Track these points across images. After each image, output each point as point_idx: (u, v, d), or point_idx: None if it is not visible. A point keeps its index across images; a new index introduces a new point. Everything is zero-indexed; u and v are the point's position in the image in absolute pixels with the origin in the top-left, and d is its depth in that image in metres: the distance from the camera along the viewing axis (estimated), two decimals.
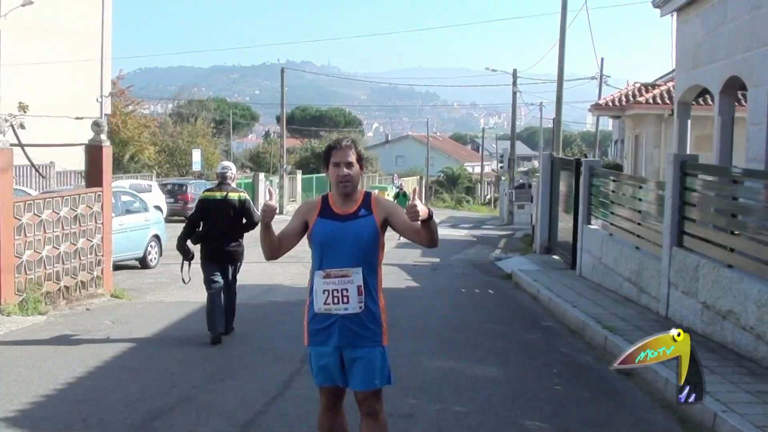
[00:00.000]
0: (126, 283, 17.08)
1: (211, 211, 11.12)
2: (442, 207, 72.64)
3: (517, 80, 55.11)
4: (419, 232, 5.34)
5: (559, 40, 30.82)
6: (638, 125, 29.96)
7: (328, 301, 5.37)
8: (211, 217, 11.10)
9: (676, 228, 12.04)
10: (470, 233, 38.29)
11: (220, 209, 11.10)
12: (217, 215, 11.07)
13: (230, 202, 11.17)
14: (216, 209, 11.11)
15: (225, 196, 11.19)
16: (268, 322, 12.97)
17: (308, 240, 5.55)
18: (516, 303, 15.53)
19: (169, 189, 38.31)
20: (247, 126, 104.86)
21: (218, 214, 11.08)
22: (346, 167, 5.44)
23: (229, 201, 11.16)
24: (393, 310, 12.29)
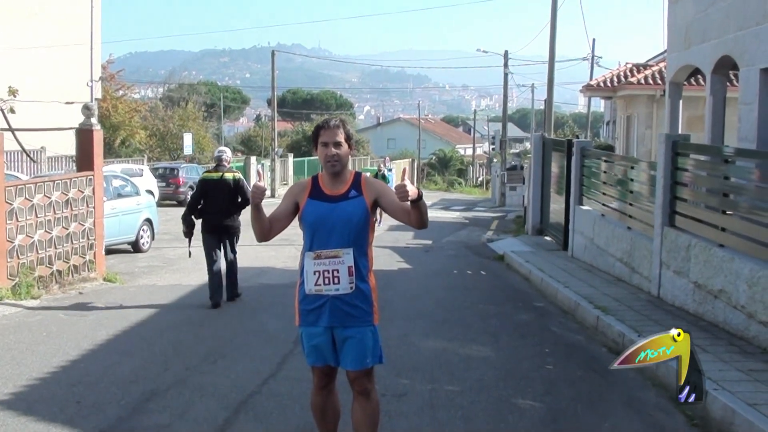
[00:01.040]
0: (118, 267, 17.08)
1: (209, 190, 12.48)
2: (434, 189, 72.67)
3: (509, 62, 55.00)
4: (409, 213, 5.34)
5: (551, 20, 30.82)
6: (630, 106, 30.00)
7: (318, 282, 5.38)
8: (209, 195, 12.47)
9: (668, 208, 12.06)
10: (462, 215, 38.33)
11: (217, 188, 12.45)
12: (214, 193, 12.43)
13: (226, 181, 12.47)
14: (213, 188, 12.47)
15: (221, 176, 12.53)
16: (261, 304, 12.99)
17: (299, 221, 5.55)
18: (508, 284, 15.56)
19: (161, 173, 38.30)
20: (238, 109, 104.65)
21: (215, 193, 12.43)
22: (335, 147, 5.44)
23: (225, 181, 12.48)
24: (385, 291, 12.35)
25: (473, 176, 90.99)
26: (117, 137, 48.11)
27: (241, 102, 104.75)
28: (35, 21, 32.31)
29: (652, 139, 26.02)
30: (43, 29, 32.46)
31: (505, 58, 54.76)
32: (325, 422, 5.76)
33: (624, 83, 28.76)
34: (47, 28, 32.72)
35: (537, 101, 78.23)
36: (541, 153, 23.44)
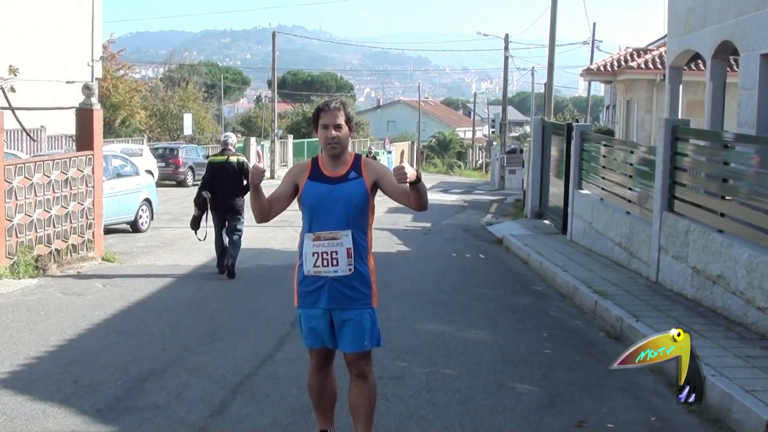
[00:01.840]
0: (117, 246, 17.05)
1: (217, 172, 13.40)
2: (433, 172, 72.66)
3: (509, 45, 54.93)
4: (408, 195, 5.31)
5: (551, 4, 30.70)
6: (630, 90, 29.93)
7: (317, 264, 5.35)
8: (216, 177, 13.38)
9: (667, 193, 12.02)
10: (461, 198, 38.29)
11: (223, 171, 13.36)
12: (221, 175, 13.34)
13: (231, 164, 13.37)
14: (220, 170, 13.38)
15: (227, 159, 13.44)
16: (259, 286, 12.96)
17: (298, 203, 5.52)
18: (507, 267, 15.53)
19: (161, 153, 38.24)
20: (238, 90, 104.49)
21: (222, 174, 13.33)
22: (335, 129, 5.39)
23: (230, 163, 13.38)
24: (384, 274, 12.32)
25: (473, 159, 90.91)
26: (117, 117, 48.02)
27: (242, 83, 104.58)
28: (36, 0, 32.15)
29: (652, 123, 25.98)
30: (44, 8, 32.31)
31: (506, 41, 54.70)
32: (322, 404, 5.73)
33: (624, 68, 28.70)
34: (49, 7, 32.57)
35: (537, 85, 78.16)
36: (541, 137, 23.38)
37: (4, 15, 30.76)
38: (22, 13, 31.27)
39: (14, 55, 22.77)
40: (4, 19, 30.58)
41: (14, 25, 30.47)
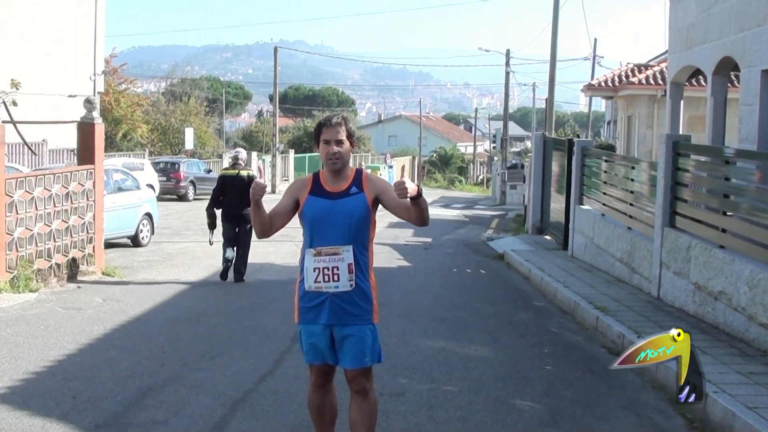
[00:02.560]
0: (117, 261, 17.01)
1: (227, 184, 14.49)
2: (434, 187, 72.65)
3: (510, 60, 55.02)
4: (409, 210, 5.29)
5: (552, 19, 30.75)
6: (631, 106, 29.93)
7: (318, 279, 5.33)
8: (227, 189, 14.45)
9: (669, 208, 12.00)
10: (462, 213, 38.26)
11: (233, 183, 14.36)
12: (231, 188, 14.35)
13: (240, 177, 14.38)
14: (230, 183, 14.43)
15: (237, 173, 14.55)
16: (259, 300, 12.93)
17: (299, 218, 5.50)
18: (507, 283, 15.50)
19: (162, 167, 38.23)
20: (240, 105, 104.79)
21: (232, 187, 14.33)
22: (336, 145, 5.38)
23: (240, 177, 14.40)
24: (385, 289, 12.29)
25: (474, 174, 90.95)
26: (119, 131, 48.05)
27: (243, 98, 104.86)
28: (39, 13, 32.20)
29: (653, 139, 25.96)
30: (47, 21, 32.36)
31: (507, 56, 54.77)
32: (323, 421, 5.69)
33: (625, 83, 28.69)
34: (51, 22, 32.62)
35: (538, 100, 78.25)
36: (542, 152, 23.37)
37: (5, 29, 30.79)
38: (24, 28, 31.31)
39: (16, 68, 22.77)
40: (6, 33, 30.62)
41: (16, 40, 30.49)
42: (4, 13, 30.75)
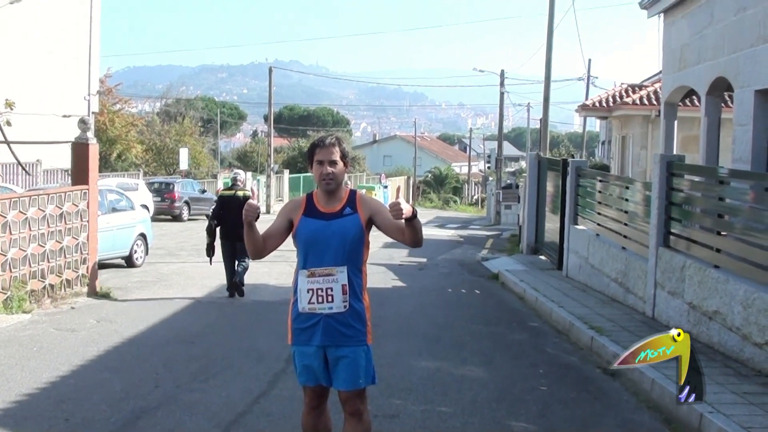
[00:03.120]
0: (111, 281, 16.97)
1: (226, 204, 15.14)
2: (429, 207, 72.63)
3: (505, 81, 55.17)
4: (404, 231, 5.29)
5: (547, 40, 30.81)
6: (625, 126, 30.00)
7: (312, 300, 5.32)
8: (225, 208, 15.06)
9: (663, 228, 12.01)
10: (457, 233, 38.26)
11: (232, 203, 14.93)
12: (229, 207, 14.87)
13: (238, 198, 15.04)
14: (228, 203, 15.05)
15: (234, 193, 15.29)
16: (253, 321, 12.90)
17: (293, 239, 5.51)
18: (502, 303, 15.49)
19: (156, 188, 38.21)
20: (234, 125, 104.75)
21: (230, 207, 14.85)
22: (330, 165, 5.39)
23: (238, 197, 15.08)
24: (379, 309, 12.26)
25: (468, 194, 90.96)
26: (113, 151, 48.06)
27: (238, 118, 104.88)
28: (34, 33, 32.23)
29: (647, 159, 26.01)
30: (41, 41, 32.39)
31: (502, 77, 54.94)
32: None
33: (619, 103, 28.77)
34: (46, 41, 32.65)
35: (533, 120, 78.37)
36: (537, 172, 23.39)
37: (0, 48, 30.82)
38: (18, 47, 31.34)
39: (10, 88, 22.80)
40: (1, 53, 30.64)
41: (10, 60, 30.51)
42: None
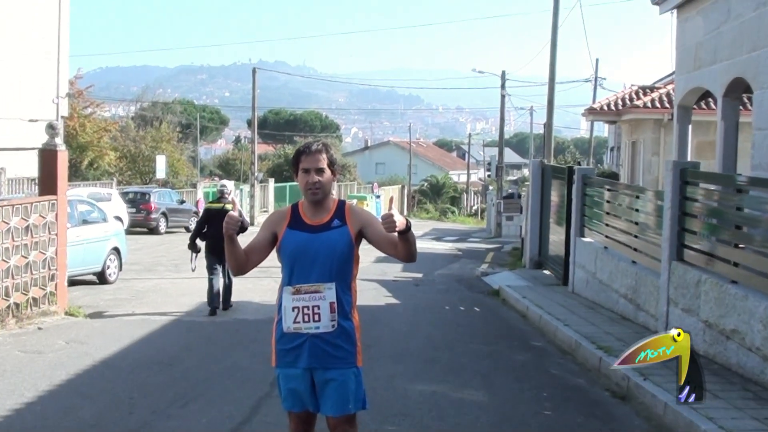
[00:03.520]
0: (82, 299, 16.93)
1: (212, 217, 15.50)
2: (425, 218, 72.67)
3: (506, 83, 55.24)
4: (396, 245, 5.28)
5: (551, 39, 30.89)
6: (635, 131, 30.05)
7: (297, 319, 5.31)
8: (211, 222, 15.41)
9: (676, 241, 12.00)
10: (455, 246, 38.28)
11: (218, 216, 15.04)
12: (215, 221, 15.01)
13: (225, 211, 14.58)
14: (215, 216, 15.34)
15: (222, 207, 15.64)
16: (236, 341, 12.88)
17: (277, 253, 5.50)
18: (503, 321, 15.49)
19: (131, 198, 38.18)
20: (215, 130, 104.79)
21: (216, 220, 14.84)
22: (317, 173, 5.38)
23: (225, 210, 15.07)
24: (371, 329, 12.25)
25: (467, 204, 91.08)
26: (84, 158, 48.01)
27: (220, 122, 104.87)
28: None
29: (659, 166, 26.04)
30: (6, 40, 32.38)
31: (503, 78, 54.99)
32: None
33: (629, 106, 28.83)
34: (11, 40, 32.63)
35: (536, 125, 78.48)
36: (540, 180, 23.42)
37: None
38: None
39: None
40: None
41: None
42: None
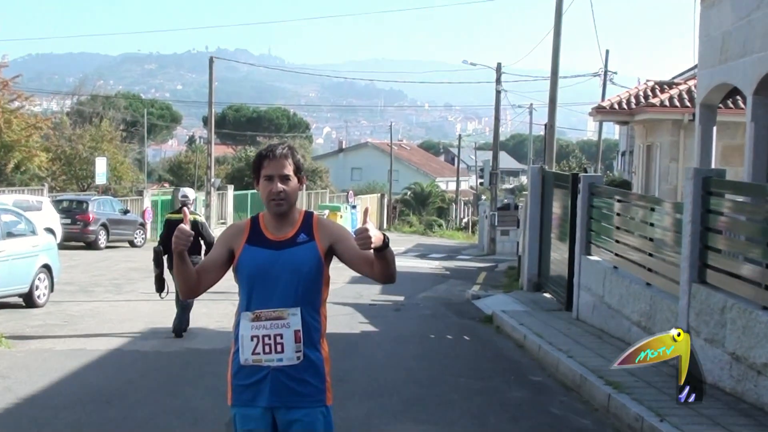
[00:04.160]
0: (5, 325, 16.83)
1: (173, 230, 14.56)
2: (408, 232, 72.76)
3: (502, 76, 55.31)
4: (372, 264, 5.26)
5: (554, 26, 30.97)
6: (651, 133, 30.13)
7: (257, 350, 5.29)
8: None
9: (697, 260, 11.99)
10: (442, 265, 38.31)
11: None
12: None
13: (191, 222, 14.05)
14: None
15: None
16: (187, 375, 12.84)
17: (234, 273, 5.49)
18: (497, 352, 15.48)
19: (65, 207, 37.95)
20: (166, 129, 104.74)
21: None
22: (281, 181, 5.36)
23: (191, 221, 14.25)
24: (344, 361, 12.21)
25: (456, 217, 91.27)
26: (10, 160, 47.77)
27: (171, 120, 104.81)
28: None
29: (678, 174, 26.13)
30: None
31: (498, 72, 55.06)
32: None
33: (644, 105, 28.89)
34: None
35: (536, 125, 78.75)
36: (540, 189, 23.45)
37: None
38: None
39: None
40: None
41: None
42: None
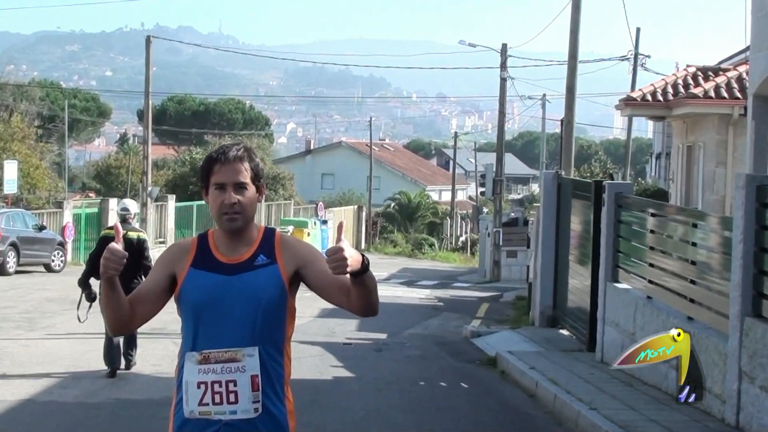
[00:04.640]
0: None
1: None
2: (392, 254, 72.78)
3: (508, 60, 55.32)
4: (348, 292, 5.24)
5: None
6: (693, 131, 30.21)
7: (205, 400, 5.28)
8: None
9: (751, 288, 11.99)
10: (434, 295, 38.35)
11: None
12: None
13: (129, 240, 15.77)
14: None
15: (125, 234, 14.98)
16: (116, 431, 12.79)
17: (176, 303, 5.47)
18: (503, 403, 15.48)
19: None
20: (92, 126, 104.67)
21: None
22: (235, 191, 5.35)
23: (128, 239, 15.64)
24: (311, 414, 12.20)
25: (452, 234, 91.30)
26: None
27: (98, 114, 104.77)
28: None
29: (727, 181, 26.19)
30: None
31: (503, 55, 54.98)
32: None
33: (683, 96, 28.95)
34: None
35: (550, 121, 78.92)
36: (556, 201, 23.47)
37: None
38: None
39: None
40: None
41: None
42: None
